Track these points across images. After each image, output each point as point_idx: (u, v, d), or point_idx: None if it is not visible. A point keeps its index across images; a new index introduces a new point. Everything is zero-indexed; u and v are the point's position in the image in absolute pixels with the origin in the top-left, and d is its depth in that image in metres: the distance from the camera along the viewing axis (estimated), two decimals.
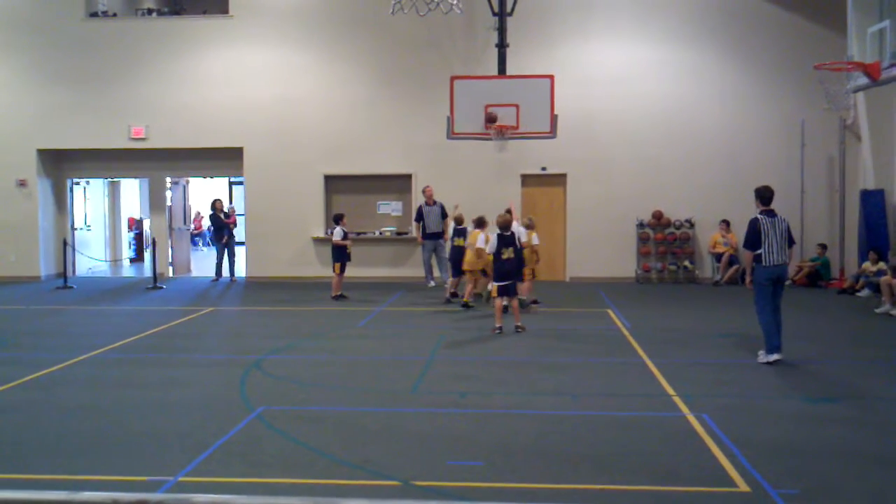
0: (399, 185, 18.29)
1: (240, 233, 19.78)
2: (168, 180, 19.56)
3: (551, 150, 16.95)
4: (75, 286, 17.32)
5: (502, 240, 11.44)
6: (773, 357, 9.15)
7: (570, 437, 6.64)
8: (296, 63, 18.21)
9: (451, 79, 14.19)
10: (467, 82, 14.27)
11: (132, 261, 23.09)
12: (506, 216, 11.83)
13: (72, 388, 8.45)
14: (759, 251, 9.18)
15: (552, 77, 14.00)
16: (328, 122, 18.17)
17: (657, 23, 17.57)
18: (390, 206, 18.47)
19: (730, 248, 17.12)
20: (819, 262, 16.66)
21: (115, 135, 18.49)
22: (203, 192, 26.53)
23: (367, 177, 18.28)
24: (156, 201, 19.61)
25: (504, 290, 11.44)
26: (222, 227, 18.84)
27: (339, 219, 15.23)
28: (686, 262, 17.59)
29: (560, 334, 11.41)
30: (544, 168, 17.77)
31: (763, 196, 9.42)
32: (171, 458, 6.10)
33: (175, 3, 19.67)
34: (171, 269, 19.53)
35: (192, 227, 23.65)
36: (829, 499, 5.34)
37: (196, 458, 6.10)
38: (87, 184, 20.47)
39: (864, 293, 14.76)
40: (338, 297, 15.02)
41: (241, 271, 19.00)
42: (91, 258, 20.03)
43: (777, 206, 9.55)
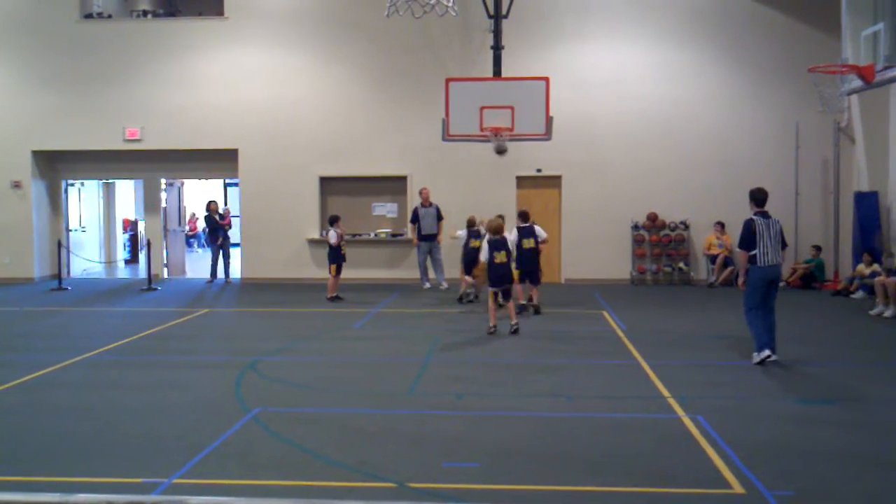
0: (394, 186, 18.27)
1: (235, 234, 19.76)
2: (163, 182, 19.52)
3: (546, 152, 16.96)
4: (70, 288, 17.28)
5: (493, 245, 11.45)
6: (764, 354, 9.17)
7: (566, 438, 6.65)
8: (291, 65, 18.19)
9: (447, 81, 14.18)
10: (462, 84, 14.26)
11: (127, 262, 23.01)
12: (497, 221, 11.85)
13: (66, 390, 8.43)
14: (754, 252, 9.23)
15: (547, 79, 14.01)
16: (323, 124, 18.16)
17: (652, 25, 17.60)
18: (385, 208, 18.45)
19: (724, 249, 17.14)
20: (813, 263, 16.71)
21: (109, 136, 18.45)
22: (198, 194, 26.52)
23: (362, 178, 18.27)
24: (150, 203, 19.56)
25: (499, 293, 11.51)
26: (217, 229, 18.85)
27: (334, 220, 15.23)
28: (681, 264, 17.61)
29: (555, 336, 11.42)
30: (539, 170, 17.78)
31: (757, 198, 9.48)
32: (166, 460, 6.09)
33: (170, 4, 19.64)
34: (165, 270, 19.50)
35: (186, 228, 23.61)
36: (823, 500, 5.36)
37: (191, 459, 6.09)
38: (82, 185, 20.43)
39: (858, 295, 14.81)
40: (333, 299, 15.02)
41: (236, 273, 18.98)
42: (86, 259, 19.99)
43: (771, 208, 9.59)
